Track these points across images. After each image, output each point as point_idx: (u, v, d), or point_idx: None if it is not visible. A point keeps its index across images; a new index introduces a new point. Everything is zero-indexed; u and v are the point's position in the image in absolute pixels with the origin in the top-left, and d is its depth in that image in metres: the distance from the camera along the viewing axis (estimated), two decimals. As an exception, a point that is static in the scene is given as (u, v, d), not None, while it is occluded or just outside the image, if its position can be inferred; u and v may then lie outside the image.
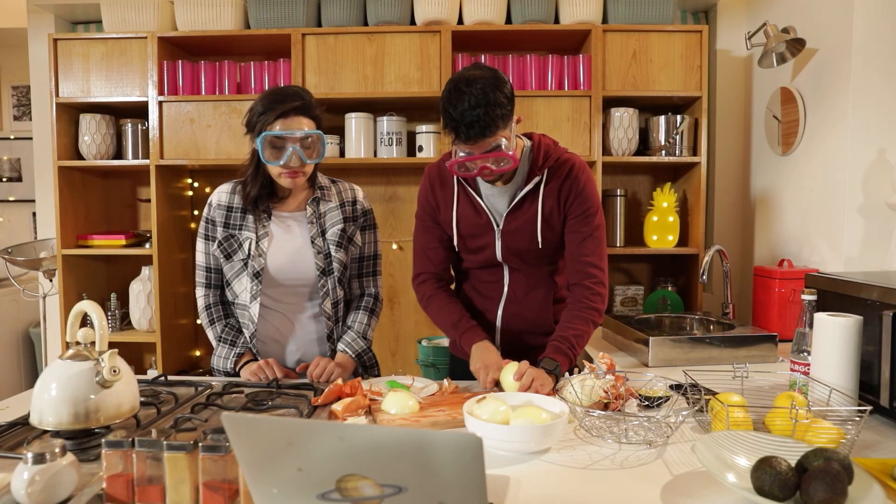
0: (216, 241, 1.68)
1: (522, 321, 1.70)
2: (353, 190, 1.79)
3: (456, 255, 1.73)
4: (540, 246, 1.61)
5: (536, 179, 1.58)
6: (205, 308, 1.72)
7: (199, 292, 1.73)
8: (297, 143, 1.56)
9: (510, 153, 1.45)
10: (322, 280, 1.69)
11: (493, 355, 1.52)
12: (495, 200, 1.62)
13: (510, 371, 1.42)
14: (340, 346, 1.71)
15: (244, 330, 1.71)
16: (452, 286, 1.78)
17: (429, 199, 1.68)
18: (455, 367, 1.83)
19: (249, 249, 1.66)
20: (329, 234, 1.70)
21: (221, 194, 1.71)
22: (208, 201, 1.72)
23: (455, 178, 1.63)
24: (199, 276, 1.73)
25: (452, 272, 1.78)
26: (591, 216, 1.60)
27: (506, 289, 1.69)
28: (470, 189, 1.62)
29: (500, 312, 1.70)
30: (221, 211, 1.69)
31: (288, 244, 1.68)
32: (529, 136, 1.63)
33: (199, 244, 1.72)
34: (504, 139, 1.44)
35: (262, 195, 1.66)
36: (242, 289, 1.68)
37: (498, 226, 1.62)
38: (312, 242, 1.68)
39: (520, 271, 1.68)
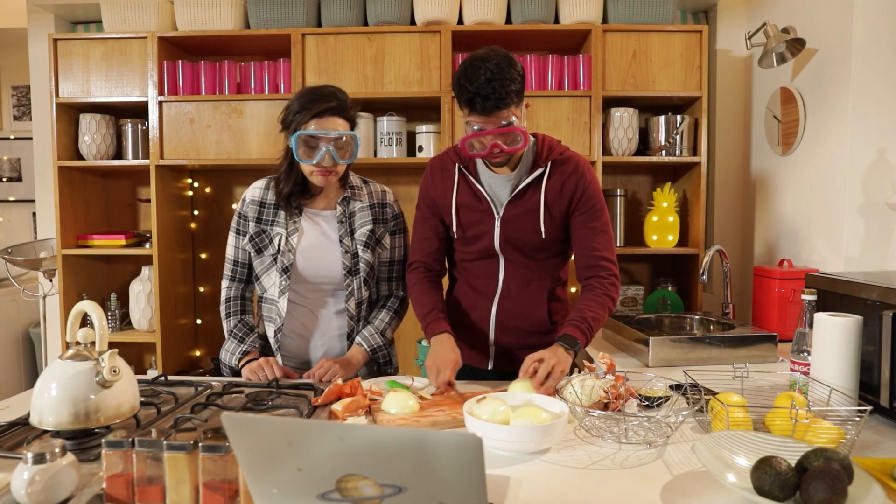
0: (247, 236, 1.72)
1: (516, 317, 1.69)
2: (384, 192, 1.81)
3: (451, 247, 1.74)
4: (543, 235, 1.62)
5: (540, 171, 1.60)
6: (225, 300, 1.77)
7: (224, 284, 1.78)
8: (330, 143, 1.58)
9: (522, 128, 1.49)
10: (348, 279, 1.71)
11: (448, 352, 1.51)
12: (497, 188, 1.64)
13: (518, 387, 1.38)
14: (357, 339, 1.72)
15: (271, 324, 1.73)
16: (444, 278, 1.78)
17: (428, 188, 1.70)
18: None
19: (279, 245, 1.69)
20: (358, 234, 1.72)
21: (255, 190, 1.75)
22: (242, 197, 1.76)
23: (456, 165, 1.65)
24: (227, 269, 1.78)
25: (445, 265, 1.79)
26: (601, 212, 1.63)
27: (500, 283, 1.69)
28: (470, 176, 1.64)
29: (494, 308, 1.69)
30: (254, 206, 1.72)
31: (316, 241, 1.70)
32: (533, 134, 1.66)
33: (230, 238, 1.76)
34: (515, 117, 1.48)
35: (294, 192, 1.69)
36: (271, 283, 1.72)
37: (498, 213, 1.63)
38: (341, 241, 1.70)
39: (515, 264, 1.67)
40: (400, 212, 1.82)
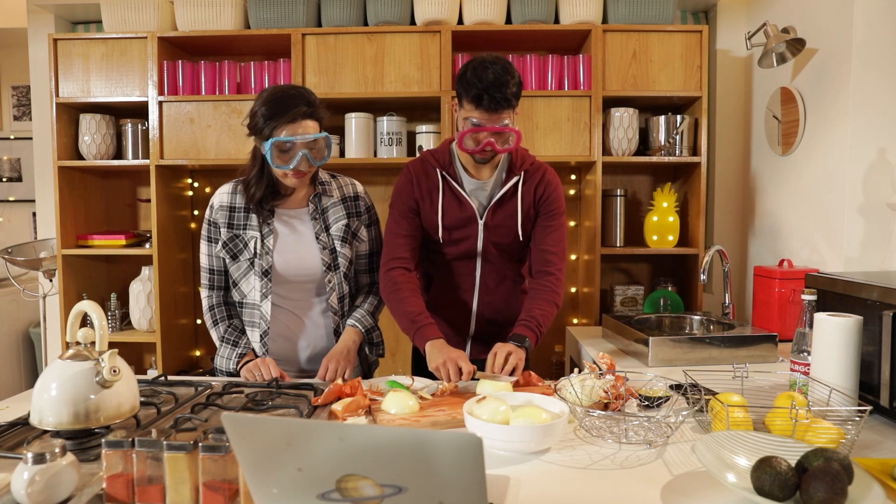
0: (220, 243, 1.70)
1: (495, 312, 1.82)
2: (353, 185, 1.82)
3: (430, 248, 1.80)
4: (521, 239, 1.74)
5: (516, 178, 1.72)
6: (209, 309, 1.74)
7: (203, 293, 1.76)
8: (305, 147, 1.58)
9: (516, 130, 1.60)
10: (328, 275, 1.71)
11: (455, 350, 1.54)
12: (478, 194, 1.73)
13: (487, 384, 1.43)
14: (350, 321, 1.73)
15: (255, 329, 1.71)
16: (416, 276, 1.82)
17: (412, 191, 1.74)
18: (418, 363, 1.89)
19: (255, 248, 1.67)
20: (333, 229, 1.72)
21: (223, 195, 1.72)
22: (210, 204, 1.73)
23: (439, 172, 1.72)
24: (203, 279, 1.75)
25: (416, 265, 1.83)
26: (559, 214, 1.77)
27: (478, 281, 1.80)
28: (454, 182, 1.72)
29: (475, 304, 1.80)
30: (224, 212, 1.70)
31: (293, 241, 1.70)
32: None
33: (203, 246, 1.73)
34: (509, 119, 1.59)
35: (266, 196, 1.68)
36: (251, 288, 1.70)
37: (481, 218, 1.72)
38: (317, 238, 1.70)
39: (492, 264, 1.79)
40: (371, 203, 1.84)
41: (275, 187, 1.69)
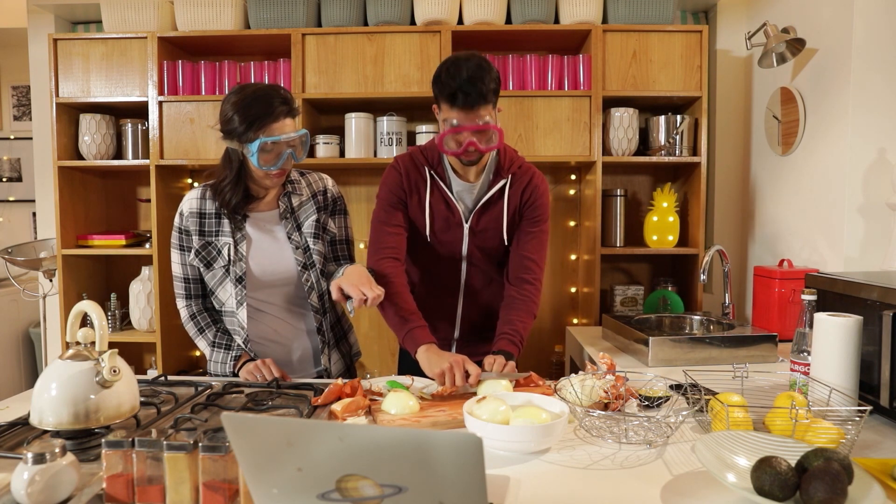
0: (192, 251, 1.65)
1: (480, 315, 1.81)
2: (322, 180, 1.78)
3: (414, 249, 1.76)
4: (506, 243, 1.72)
5: (503, 182, 1.68)
6: (189, 318, 1.70)
7: (181, 304, 1.71)
8: (289, 146, 1.57)
9: (497, 127, 1.55)
10: (305, 274, 1.69)
11: (456, 354, 1.52)
12: (465, 198, 1.70)
13: (484, 388, 1.42)
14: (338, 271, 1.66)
15: (237, 336, 1.69)
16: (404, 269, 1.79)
17: (401, 184, 1.69)
18: (403, 361, 1.88)
19: (229, 255, 1.64)
20: (305, 226, 1.70)
21: (192, 201, 1.67)
22: (179, 210, 1.68)
23: (427, 171, 1.69)
24: (178, 288, 1.70)
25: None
26: (542, 221, 1.72)
27: (463, 283, 1.78)
28: (441, 184, 1.69)
29: (460, 307, 1.79)
30: (194, 219, 1.65)
31: (266, 244, 1.67)
32: None
33: (174, 255, 1.68)
34: (489, 117, 1.54)
35: (240, 201, 1.64)
36: (227, 296, 1.67)
37: (466, 222, 1.70)
38: (289, 238, 1.68)
39: (477, 267, 1.76)
40: (339, 194, 1.80)
41: (248, 191, 1.65)
